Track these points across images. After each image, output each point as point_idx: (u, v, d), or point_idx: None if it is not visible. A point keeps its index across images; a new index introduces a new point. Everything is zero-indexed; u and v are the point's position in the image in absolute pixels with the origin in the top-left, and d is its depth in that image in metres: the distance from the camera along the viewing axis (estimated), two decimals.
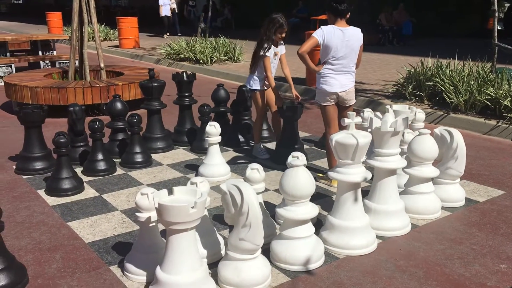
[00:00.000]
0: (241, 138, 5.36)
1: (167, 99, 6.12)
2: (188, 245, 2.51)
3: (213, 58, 11.70)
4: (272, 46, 4.64)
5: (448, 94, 6.55)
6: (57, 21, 20.53)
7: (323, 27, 4.00)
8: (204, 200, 2.50)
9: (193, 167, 4.67)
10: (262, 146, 5.02)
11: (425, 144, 3.54)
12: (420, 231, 3.39)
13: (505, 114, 5.94)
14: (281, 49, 4.79)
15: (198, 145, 5.11)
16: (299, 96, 4.70)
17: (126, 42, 15.93)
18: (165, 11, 18.42)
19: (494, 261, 3.00)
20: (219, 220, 3.50)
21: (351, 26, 4.02)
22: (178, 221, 2.41)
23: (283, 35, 4.65)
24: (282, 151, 4.57)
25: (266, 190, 4.01)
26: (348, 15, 3.98)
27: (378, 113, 3.45)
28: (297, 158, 2.90)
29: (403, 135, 4.00)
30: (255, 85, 4.78)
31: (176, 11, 18.74)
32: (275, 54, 4.72)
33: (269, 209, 3.43)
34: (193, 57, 11.92)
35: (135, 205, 2.76)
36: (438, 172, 3.67)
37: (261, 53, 4.60)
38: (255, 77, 4.78)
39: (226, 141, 5.31)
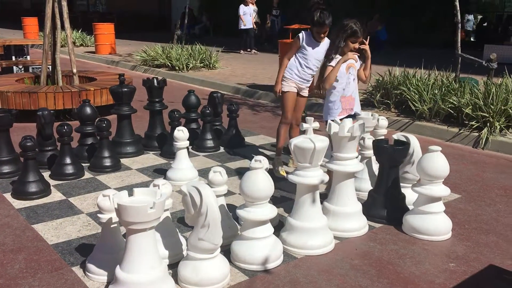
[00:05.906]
0: (210, 143, 5.44)
1: (139, 105, 6.17)
2: (147, 245, 2.58)
3: (189, 65, 11.78)
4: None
5: (413, 102, 6.76)
6: (33, 26, 20.42)
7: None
8: (163, 201, 2.58)
9: (161, 172, 4.74)
10: None
11: (436, 161, 3.34)
12: (376, 232, 3.52)
13: (466, 122, 6.16)
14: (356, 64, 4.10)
15: (168, 149, 5.17)
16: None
17: (102, 48, 15.91)
18: (248, 23, 15.44)
19: (443, 260, 3.14)
20: (184, 222, 3.57)
21: None
22: (137, 221, 2.49)
23: (356, 45, 3.93)
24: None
25: (231, 193, 4.11)
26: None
27: (337, 119, 3.59)
28: (259, 162, 3.01)
29: (364, 140, 4.15)
30: (332, 114, 4.04)
31: (257, 21, 15.71)
32: (348, 67, 3.98)
33: (234, 212, 3.52)
34: (169, 64, 11.98)
35: (97, 207, 2.82)
36: (449, 191, 3.45)
37: (327, 63, 3.96)
38: (329, 104, 4.06)
39: (196, 146, 5.40)
